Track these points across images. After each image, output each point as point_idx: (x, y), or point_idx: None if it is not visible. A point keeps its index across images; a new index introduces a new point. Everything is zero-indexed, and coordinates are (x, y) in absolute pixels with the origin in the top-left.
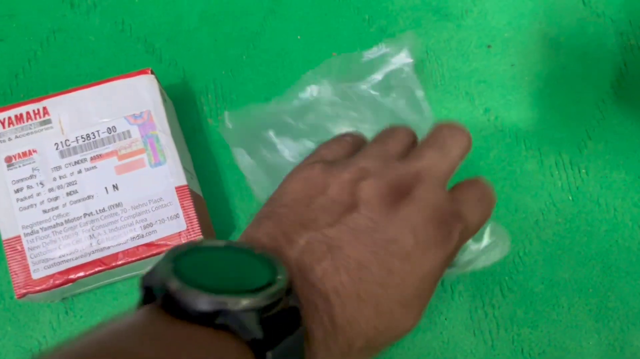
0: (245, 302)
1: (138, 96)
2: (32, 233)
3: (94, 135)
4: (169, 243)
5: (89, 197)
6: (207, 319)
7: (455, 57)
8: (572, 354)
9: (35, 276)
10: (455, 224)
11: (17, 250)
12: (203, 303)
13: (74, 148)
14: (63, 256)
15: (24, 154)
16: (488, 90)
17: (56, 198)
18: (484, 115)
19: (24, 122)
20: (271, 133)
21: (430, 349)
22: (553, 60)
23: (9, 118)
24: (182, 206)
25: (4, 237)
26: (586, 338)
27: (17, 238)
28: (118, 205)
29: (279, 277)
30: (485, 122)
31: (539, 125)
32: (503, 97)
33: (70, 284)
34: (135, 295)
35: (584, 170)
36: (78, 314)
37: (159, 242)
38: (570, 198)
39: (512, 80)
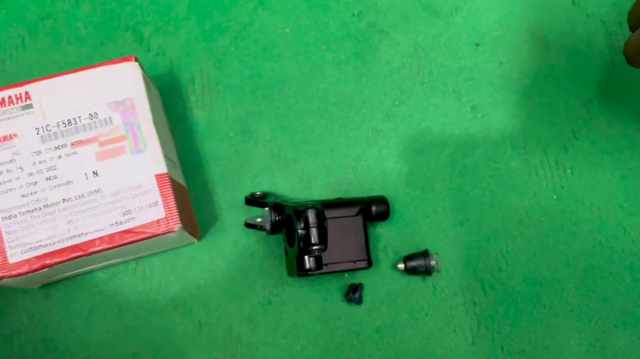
0: None
1: (121, 83)
2: (10, 217)
3: (75, 120)
4: (147, 230)
5: (68, 183)
6: None
7: (443, 54)
8: (552, 354)
9: (11, 260)
10: None
11: None
12: None
13: (55, 133)
14: (40, 241)
15: (5, 138)
16: (476, 88)
17: (35, 183)
18: (470, 113)
19: (5, 106)
20: None
21: (410, 345)
22: (541, 59)
23: None
24: (162, 194)
25: None
26: (567, 338)
27: None
28: (97, 191)
29: None
30: (472, 120)
31: (525, 123)
32: (490, 95)
33: (47, 269)
34: (115, 283)
35: (569, 170)
36: (57, 301)
37: (137, 229)
38: (554, 197)
39: (500, 78)
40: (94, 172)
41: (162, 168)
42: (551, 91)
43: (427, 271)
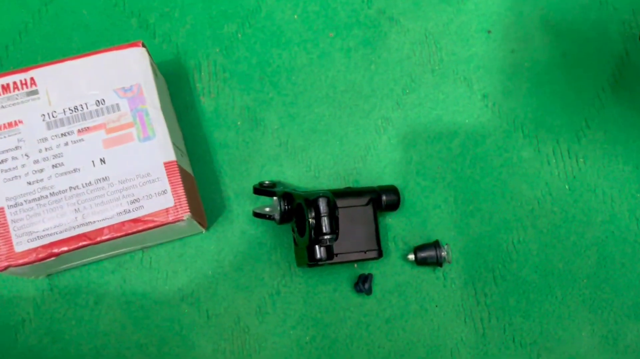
0: None
1: (128, 69)
2: (16, 205)
3: (82, 107)
4: (155, 219)
5: (75, 170)
6: None
7: (454, 41)
8: (564, 345)
9: (18, 249)
10: None
11: None
12: None
13: (61, 119)
14: (47, 229)
15: (10, 124)
16: (487, 76)
17: (41, 170)
18: (481, 101)
19: (10, 92)
20: None
21: (420, 335)
22: (554, 47)
23: None
24: (171, 183)
25: None
26: (579, 329)
27: (1, 210)
28: (105, 179)
29: None
30: (483, 108)
31: (537, 112)
32: (502, 83)
33: (54, 258)
34: (121, 273)
35: (581, 159)
36: (63, 291)
37: (145, 218)
38: (567, 187)
39: (512, 66)
40: (101, 159)
41: (171, 155)
42: (563, 79)
43: (437, 262)
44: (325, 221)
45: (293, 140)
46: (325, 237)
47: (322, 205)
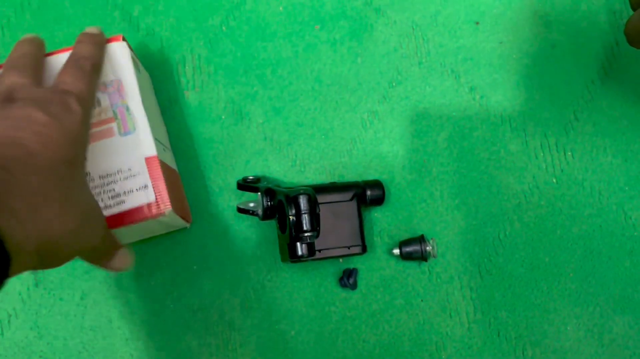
0: None
1: (109, 63)
2: None
3: None
4: (137, 214)
5: None
6: None
7: (441, 33)
8: (549, 339)
9: None
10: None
11: None
12: None
13: None
14: None
15: None
16: (474, 68)
17: None
18: (469, 94)
19: None
20: None
21: (405, 330)
22: (543, 39)
23: None
24: (152, 177)
25: None
26: (565, 323)
27: None
28: (85, 174)
29: None
30: (470, 101)
31: (525, 105)
32: (490, 76)
33: None
34: None
35: (569, 153)
36: (48, 286)
37: (126, 213)
38: (554, 180)
39: (500, 58)
40: None
41: (152, 150)
42: (552, 71)
43: (423, 257)
44: (305, 219)
45: (278, 134)
46: (306, 234)
47: (303, 202)
